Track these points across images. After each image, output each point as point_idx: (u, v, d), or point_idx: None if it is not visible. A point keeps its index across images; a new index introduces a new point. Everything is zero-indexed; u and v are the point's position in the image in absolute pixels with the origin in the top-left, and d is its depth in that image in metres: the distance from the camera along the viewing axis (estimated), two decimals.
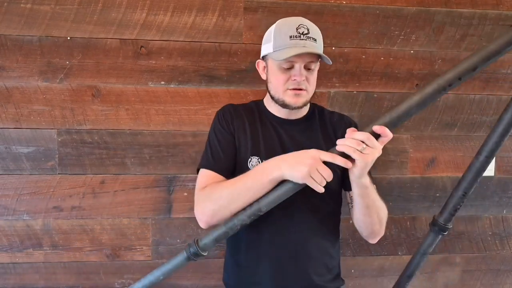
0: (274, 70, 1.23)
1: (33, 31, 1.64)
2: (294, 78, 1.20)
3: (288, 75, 1.21)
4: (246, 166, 1.23)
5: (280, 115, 1.30)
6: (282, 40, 1.18)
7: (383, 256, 1.92)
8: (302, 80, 1.20)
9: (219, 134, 1.27)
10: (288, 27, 1.19)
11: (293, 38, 1.17)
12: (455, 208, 1.12)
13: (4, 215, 1.70)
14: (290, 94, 1.22)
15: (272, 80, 1.25)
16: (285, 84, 1.22)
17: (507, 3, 1.87)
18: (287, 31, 1.18)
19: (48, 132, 1.69)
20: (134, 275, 1.77)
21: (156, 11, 1.69)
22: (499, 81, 1.91)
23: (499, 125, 0.98)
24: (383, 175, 1.88)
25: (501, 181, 1.95)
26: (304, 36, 1.18)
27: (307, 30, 1.19)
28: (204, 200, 1.16)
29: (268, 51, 1.23)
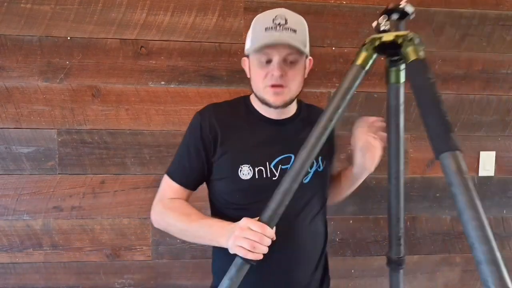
0: (254, 65, 1.16)
1: (33, 31, 1.64)
2: (272, 73, 1.12)
3: (266, 70, 1.13)
4: (236, 175, 1.16)
5: (269, 115, 1.22)
6: (257, 33, 1.12)
7: (383, 256, 1.91)
8: (279, 74, 1.11)
9: (192, 146, 1.21)
10: (264, 19, 1.13)
11: (268, 29, 1.11)
12: (398, 238, 1.08)
13: (4, 215, 1.70)
14: (269, 92, 1.14)
15: (253, 77, 1.18)
16: (264, 80, 1.14)
17: (507, 3, 1.87)
18: (263, 23, 1.12)
19: (48, 132, 1.69)
20: (134, 275, 1.77)
21: (156, 11, 1.69)
22: (499, 81, 1.91)
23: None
24: (383, 175, 1.88)
25: (501, 181, 1.95)
26: (280, 27, 1.11)
27: (284, 21, 1.11)
28: (158, 214, 1.22)
29: (248, 47, 1.17)
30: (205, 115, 1.21)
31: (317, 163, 1.24)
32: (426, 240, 1.94)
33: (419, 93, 0.88)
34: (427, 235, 1.94)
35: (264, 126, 1.22)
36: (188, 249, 1.79)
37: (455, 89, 1.89)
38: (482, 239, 0.69)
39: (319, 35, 1.78)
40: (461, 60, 1.88)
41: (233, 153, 1.18)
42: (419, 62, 0.92)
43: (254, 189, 1.16)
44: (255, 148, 1.18)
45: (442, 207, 1.93)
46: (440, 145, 0.79)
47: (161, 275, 1.79)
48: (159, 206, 1.23)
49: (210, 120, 1.20)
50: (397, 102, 1.00)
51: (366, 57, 0.96)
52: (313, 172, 1.23)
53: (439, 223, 1.94)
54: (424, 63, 0.92)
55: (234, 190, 1.18)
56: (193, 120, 1.23)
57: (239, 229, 0.97)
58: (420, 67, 0.92)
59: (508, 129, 1.94)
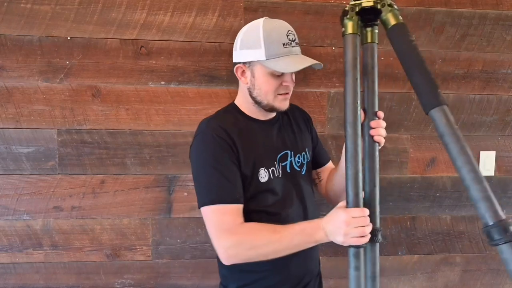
0: (265, 76, 1.20)
1: (33, 31, 1.64)
2: (286, 84, 1.22)
3: (279, 81, 1.21)
4: (257, 179, 1.21)
5: (259, 117, 1.29)
6: (276, 49, 1.17)
7: (383, 256, 1.92)
8: (293, 86, 1.25)
9: (224, 162, 1.15)
10: (277, 34, 1.18)
11: (286, 46, 1.18)
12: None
13: (4, 215, 1.70)
14: (280, 99, 1.23)
15: (262, 86, 1.22)
16: (277, 89, 1.22)
17: (507, 3, 1.87)
18: (278, 38, 1.18)
19: (48, 132, 1.69)
20: (134, 275, 1.77)
21: (156, 11, 1.69)
22: (499, 81, 1.91)
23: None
24: (383, 175, 1.88)
25: (501, 181, 1.95)
26: (293, 42, 1.20)
27: (294, 36, 1.21)
28: (235, 247, 1.12)
29: (258, 58, 1.18)
30: (215, 128, 1.19)
31: (307, 155, 1.36)
32: (426, 240, 1.94)
33: (403, 56, 0.92)
34: (427, 235, 1.94)
35: (260, 128, 1.28)
36: (188, 249, 1.79)
37: (455, 89, 1.89)
38: (476, 180, 0.81)
39: (319, 35, 1.78)
40: (461, 60, 1.88)
41: (250, 158, 1.21)
42: (400, 26, 0.93)
43: (271, 190, 1.23)
44: (263, 151, 1.25)
45: (442, 207, 1.93)
46: (430, 102, 0.85)
47: (161, 275, 1.79)
48: (229, 240, 1.12)
49: (226, 135, 1.18)
50: (373, 61, 1.06)
51: (353, 24, 1.00)
52: (306, 164, 1.35)
53: (439, 223, 1.94)
54: (404, 27, 0.94)
55: (255, 194, 1.22)
56: (210, 141, 1.17)
57: (344, 223, 1.00)
58: (402, 31, 0.94)
59: (508, 129, 1.94)
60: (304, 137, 1.39)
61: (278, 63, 1.17)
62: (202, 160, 1.17)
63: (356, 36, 1.00)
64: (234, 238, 1.12)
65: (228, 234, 1.12)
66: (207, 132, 1.19)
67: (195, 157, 1.20)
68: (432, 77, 0.87)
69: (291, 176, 1.29)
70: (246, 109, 1.29)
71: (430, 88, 0.86)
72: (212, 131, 1.18)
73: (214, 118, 1.26)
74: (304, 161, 1.34)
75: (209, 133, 1.18)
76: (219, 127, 1.19)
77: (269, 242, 1.10)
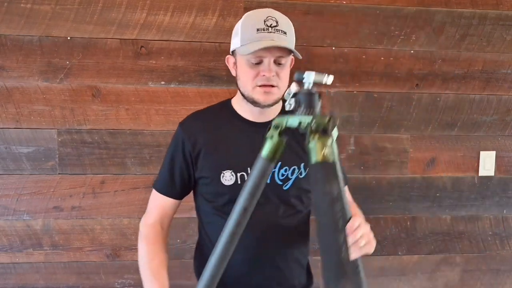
0: (243, 65, 1.15)
1: (33, 31, 1.64)
2: (263, 74, 1.12)
3: (257, 71, 1.13)
4: (219, 180, 1.19)
5: (251, 118, 1.22)
6: (249, 33, 1.12)
7: (383, 256, 1.92)
8: (272, 75, 1.13)
9: (175, 158, 1.24)
10: (255, 20, 1.13)
11: (260, 31, 1.11)
12: None
13: (4, 215, 1.70)
14: (259, 91, 1.14)
15: (241, 77, 1.17)
16: (254, 80, 1.14)
17: (507, 3, 1.87)
18: (254, 24, 1.12)
19: (48, 132, 1.69)
20: (134, 275, 1.77)
21: (156, 11, 1.69)
22: (499, 81, 1.91)
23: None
24: (383, 175, 1.88)
25: (501, 181, 1.95)
26: (272, 28, 1.11)
27: (275, 23, 1.12)
28: (140, 236, 1.28)
29: (235, 45, 1.16)
30: (187, 129, 1.24)
31: (299, 170, 1.23)
32: (426, 240, 1.94)
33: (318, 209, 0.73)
34: (427, 235, 1.94)
35: (247, 130, 1.22)
36: (188, 249, 1.79)
37: (455, 89, 1.89)
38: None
39: (319, 35, 1.78)
40: (461, 60, 1.88)
41: (216, 159, 1.20)
42: (322, 167, 0.72)
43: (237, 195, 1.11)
44: (238, 153, 1.19)
45: (442, 207, 1.93)
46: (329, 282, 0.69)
47: None
48: (142, 227, 1.28)
49: (192, 133, 1.22)
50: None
51: (273, 147, 0.84)
52: (294, 179, 1.23)
53: (439, 223, 1.94)
54: (328, 169, 0.72)
55: (217, 195, 1.20)
56: (176, 134, 1.26)
57: None
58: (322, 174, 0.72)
59: (508, 129, 1.94)
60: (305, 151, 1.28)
61: (246, 47, 1.11)
62: (168, 146, 1.29)
63: (270, 163, 0.84)
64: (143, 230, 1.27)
65: (144, 223, 1.28)
66: (179, 131, 1.25)
67: None
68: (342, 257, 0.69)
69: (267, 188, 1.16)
70: (238, 107, 1.25)
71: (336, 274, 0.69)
72: (182, 124, 1.26)
73: (196, 112, 1.30)
74: (292, 176, 1.22)
75: (179, 126, 1.26)
76: (189, 123, 1.25)
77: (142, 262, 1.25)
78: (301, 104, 0.79)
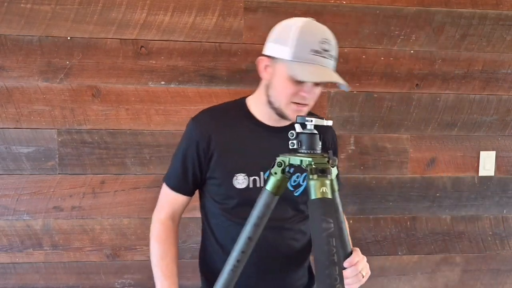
0: (283, 78, 1.10)
1: (33, 31, 1.64)
2: (303, 94, 1.10)
3: (297, 89, 1.10)
4: (230, 183, 1.17)
5: (268, 122, 1.20)
6: (303, 52, 1.05)
7: (383, 256, 1.92)
8: (310, 97, 1.13)
9: (187, 155, 1.21)
10: (312, 38, 1.06)
11: (315, 53, 1.05)
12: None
13: (4, 215, 1.70)
14: (293, 108, 1.12)
15: (278, 87, 1.13)
16: (291, 96, 1.11)
17: (507, 3, 1.87)
18: (310, 43, 1.06)
19: (48, 132, 1.69)
20: (134, 275, 1.77)
21: (156, 11, 1.69)
22: (499, 81, 1.91)
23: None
24: (383, 175, 1.88)
25: (501, 181, 1.95)
26: (325, 53, 1.07)
27: (329, 46, 1.08)
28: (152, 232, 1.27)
29: (283, 55, 1.08)
30: (200, 125, 1.21)
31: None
32: (426, 240, 1.94)
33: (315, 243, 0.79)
34: (427, 235, 1.94)
35: (262, 133, 1.20)
36: (188, 249, 1.79)
37: (455, 89, 1.89)
38: None
39: None
40: (461, 60, 1.88)
41: (230, 161, 1.18)
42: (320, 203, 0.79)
43: (247, 198, 1.13)
44: (252, 157, 1.17)
45: (442, 207, 1.93)
46: None
47: None
48: (155, 222, 1.27)
49: (205, 130, 1.19)
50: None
51: (276, 182, 0.92)
52: (305, 186, 1.20)
53: (439, 223, 1.94)
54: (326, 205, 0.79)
55: (227, 197, 1.19)
56: (189, 130, 1.23)
57: None
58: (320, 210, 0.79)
59: (508, 129, 1.94)
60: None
61: (298, 68, 1.06)
62: (180, 142, 1.26)
63: (274, 196, 0.91)
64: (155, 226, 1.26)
65: (156, 218, 1.28)
66: (191, 126, 1.23)
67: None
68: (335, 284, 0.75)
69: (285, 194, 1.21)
70: (255, 109, 1.21)
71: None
72: (196, 121, 1.23)
73: (210, 109, 1.27)
74: (304, 182, 1.21)
75: (192, 122, 1.23)
76: (203, 121, 1.22)
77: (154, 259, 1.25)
78: (303, 144, 0.89)
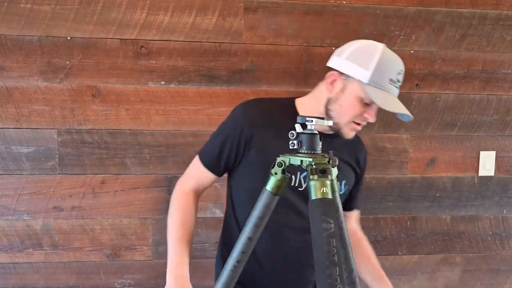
0: (354, 97, 1.16)
1: (33, 31, 1.64)
2: (367, 116, 1.17)
3: (364, 110, 1.17)
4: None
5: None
6: (382, 79, 1.13)
7: (383, 256, 1.92)
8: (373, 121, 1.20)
9: (229, 139, 1.23)
10: (391, 67, 1.16)
11: (391, 82, 1.14)
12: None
13: (4, 215, 1.70)
14: (352, 128, 1.19)
15: (345, 105, 1.17)
16: (356, 117, 1.17)
17: (507, 3, 1.87)
18: (390, 72, 1.15)
19: (48, 132, 1.69)
20: (134, 275, 1.77)
21: (156, 11, 1.69)
22: (499, 81, 1.91)
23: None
24: (383, 175, 1.88)
25: (501, 181, 1.95)
26: (398, 84, 1.17)
27: (402, 78, 1.17)
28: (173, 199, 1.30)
29: (360, 77, 1.14)
30: (250, 114, 1.23)
31: (339, 186, 1.25)
32: (426, 240, 1.94)
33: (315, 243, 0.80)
34: (427, 235, 1.94)
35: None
36: None
37: (455, 89, 1.89)
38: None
39: (319, 35, 1.78)
40: (461, 60, 1.88)
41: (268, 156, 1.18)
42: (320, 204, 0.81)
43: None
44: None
45: (442, 207, 1.93)
46: None
47: (161, 275, 1.78)
48: (178, 190, 1.30)
49: (253, 123, 1.21)
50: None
51: (277, 183, 0.94)
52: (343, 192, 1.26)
53: (439, 223, 1.94)
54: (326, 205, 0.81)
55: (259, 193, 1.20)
56: (237, 115, 1.25)
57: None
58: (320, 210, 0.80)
59: (508, 129, 1.94)
60: (347, 169, 1.32)
61: (377, 93, 1.13)
62: (222, 122, 1.28)
63: (274, 196, 0.94)
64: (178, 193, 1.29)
65: (180, 187, 1.30)
66: (243, 106, 1.25)
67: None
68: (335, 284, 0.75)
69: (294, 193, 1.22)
70: (303, 113, 1.24)
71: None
72: (247, 108, 1.25)
73: (261, 101, 1.30)
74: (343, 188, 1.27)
75: (242, 108, 1.25)
76: (253, 111, 1.24)
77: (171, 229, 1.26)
78: (303, 144, 0.90)
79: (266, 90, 1.75)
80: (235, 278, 0.98)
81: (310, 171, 0.84)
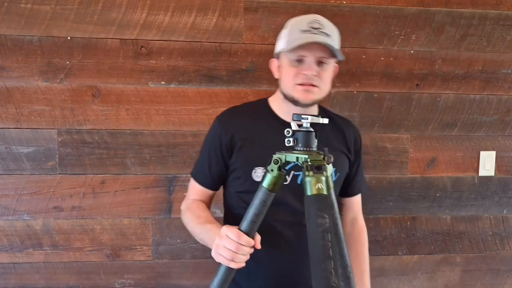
0: (285, 65, 1.21)
1: (33, 31, 1.64)
2: (303, 72, 1.17)
3: (298, 69, 1.18)
4: (250, 176, 1.22)
5: (288, 119, 1.22)
6: (293, 35, 1.17)
7: (383, 256, 1.92)
8: (313, 74, 1.16)
9: (212, 151, 1.28)
10: (300, 23, 1.18)
11: (304, 32, 1.15)
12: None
13: (4, 215, 1.70)
14: (299, 90, 1.18)
15: (283, 76, 1.23)
16: (294, 78, 1.18)
17: (507, 3, 1.87)
18: (298, 26, 1.17)
19: (48, 132, 1.69)
20: (134, 275, 1.77)
21: (156, 11, 1.69)
22: (499, 81, 1.91)
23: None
24: (383, 175, 1.88)
25: (501, 181, 1.95)
26: (316, 30, 1.15)
27: (320, 25, 1.17)
28: (182, 213, 1.33)
29: (281, 48, 1.22)
30: (224, 123, 1.28)
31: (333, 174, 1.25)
32: (426, 240, 1.94)
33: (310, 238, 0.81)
34: (427, 235, 1.94)
35: (282, 129, 1.22)
36: (188, 249, 1.79)
37: (455, 89, 1.89)
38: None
39: None
40: (461, 60, 1.88)
41: (249, 155, 1.23)
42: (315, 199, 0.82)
43: None
44: (272, 151, 1.19)
45: (442, 207, 1.94)
46: None
47: (161, 275, 1.79)
48: (183, 206, 1.34)
49: (229, 128, 1.26)
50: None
51: (273, 179, 0.95)
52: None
53: (439, 223, 1.95)
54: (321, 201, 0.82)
55: (247, 191, 1.22)
56: (213, 127, 1.30)
57: (218, 237, 1.01)
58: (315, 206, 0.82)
59: (508, 129, 1.94)
60: (337, 155, 1.28)
61: (288, 45, 1.16)
62: (206, 138, 1.33)
63: (270, 193, 0.94)
64: (183, 206, 1.33)
65: (185, 201, 1.34)
66: (215, 125, 1.30)
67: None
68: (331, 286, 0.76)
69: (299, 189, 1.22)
70: (277, 107, 1.29)
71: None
72: (220, 119, 1.30)
73: (233, 108, 1.34)
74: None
75: (217, 119, 1.30)
76: (226, 118, 1.29)
77: (190, 223, 1.25)
78: (299, 142, 0.92)
79: (266, 90, 1.75)
80: (231, 275, 1.00)
81: (305, 168, 0.86)
